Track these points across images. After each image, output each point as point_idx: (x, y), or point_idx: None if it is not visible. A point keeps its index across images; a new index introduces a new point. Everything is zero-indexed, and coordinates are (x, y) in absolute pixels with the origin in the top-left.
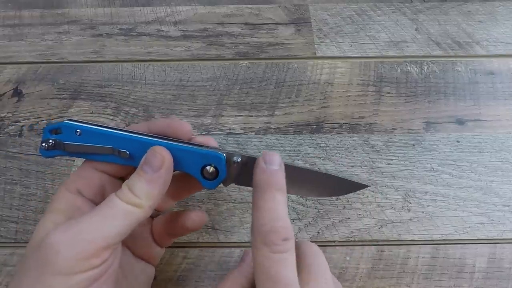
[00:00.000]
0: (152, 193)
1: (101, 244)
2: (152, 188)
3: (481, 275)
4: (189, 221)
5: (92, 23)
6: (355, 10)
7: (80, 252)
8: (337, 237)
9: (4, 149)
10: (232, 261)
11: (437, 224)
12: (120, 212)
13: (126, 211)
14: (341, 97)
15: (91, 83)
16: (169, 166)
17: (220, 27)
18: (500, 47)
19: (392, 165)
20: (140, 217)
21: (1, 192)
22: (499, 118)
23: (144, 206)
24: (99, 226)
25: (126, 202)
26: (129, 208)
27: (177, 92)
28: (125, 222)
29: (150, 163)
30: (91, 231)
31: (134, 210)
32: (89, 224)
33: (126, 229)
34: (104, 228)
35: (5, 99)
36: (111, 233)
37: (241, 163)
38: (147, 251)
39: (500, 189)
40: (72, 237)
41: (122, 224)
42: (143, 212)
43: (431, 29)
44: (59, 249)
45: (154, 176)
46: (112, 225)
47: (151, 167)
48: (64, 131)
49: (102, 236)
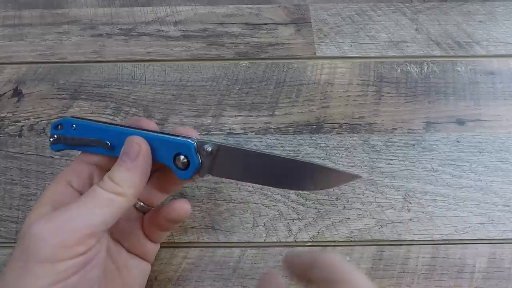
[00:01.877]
0: (132, 181)
1: (85, 231)
2: (132, 176)
3: (481, 275)
4: (172, 212)
5: (92, 23)
6: (355, 10)
7: (65, 240)
8: (337, 237)
9: (4, 149)
10: (232, 261)
11: (437, 224)
12: (103, 201)
13: (109, 199)
14: (341, 97)
15: (91, 83)
16: (146, 154)
17: (220, 27)
18: (500, 47)
19: (392, 165)
20: (123, 205)
21: (1, 192)
22: (499, 118)
23: (126, 194)
24: (83, 215)
25: (108, 191)
26: (111, 196)
27: (177, 92)
28: (108, 210)
29: (128, 153)
30: (76, 219)
31: (116, 198)
32: (73, 213)
33: (110, 217)
34: (88, 217)
35: (5, 99)
36: (95, 221)
37: (213, 151)
38: (139, 247)
39: (500, 189)
40: (56, 226)
41: (105, 213)
42: (126, 200)
43: (431, 29)
44: (43, 238)
45: (132, 164)
46: (96, 213)
47: (128, 156)
48: (64, 126)
49: (86, 224)
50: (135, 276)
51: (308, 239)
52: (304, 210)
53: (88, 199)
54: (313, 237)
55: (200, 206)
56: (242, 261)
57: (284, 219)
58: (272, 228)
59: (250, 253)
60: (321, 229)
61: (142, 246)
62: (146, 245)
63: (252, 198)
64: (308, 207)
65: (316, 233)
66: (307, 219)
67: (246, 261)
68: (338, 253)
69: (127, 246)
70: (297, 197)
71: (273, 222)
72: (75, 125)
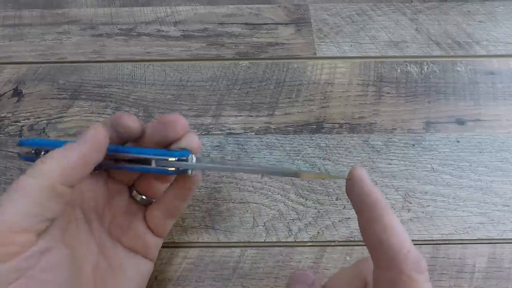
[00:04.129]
0: (58, 166)
1: (10, 229)
2: (59, 161)
3: (481, 275)
4: (186, 178)
5: (92, 23)
6: (355, 10)
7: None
8: (337, 237)
9: (4, 149)
10: (232, 261)
11: (437, 224)
12: (25, 191)
13: (30, 189)
14: (341, 97)
15: (91, 83)
16: (90, 138)
17: (220, 27)
18: (500, 47)
19: (392, 165)
20: (48, 194)
21: (1, 192)
22: (499, 118)
23: (41, 181)
24: (3, 211)
25: (31, 178)
26: (33, 184)
27: (177, 92)
28: (29, 201)
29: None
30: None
31: (39, 186)
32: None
33: (35, 208)
34: (7, 212)
35: (5, 99)
36: (17, 215)
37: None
38: (141, 242)
39: (500, 189)
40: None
41: (25, 205)
42: (50, 187)
43: (431, 29)
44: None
45: (61, 148)
46: (16, 206)
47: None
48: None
49: (6, 221)
50: (131, 278)
51: (308, 239)
52: (304, 210)
53: (11, 191)
54: (313, 237)
55: (200, 206)
56: (242, 261)
57: (284, 219)
58: (272, 228)
59: (250, 253)
60: (321, 229)
61: (144, 241)
62: (149, 240)
63: (252, 198)
64: (308, 207)
65: (316, 233)
66: (307, 219)
67: (246, 261)
68: (338, 253)
69: (127, 242)
70: (297, 197)
71: (273, 222)
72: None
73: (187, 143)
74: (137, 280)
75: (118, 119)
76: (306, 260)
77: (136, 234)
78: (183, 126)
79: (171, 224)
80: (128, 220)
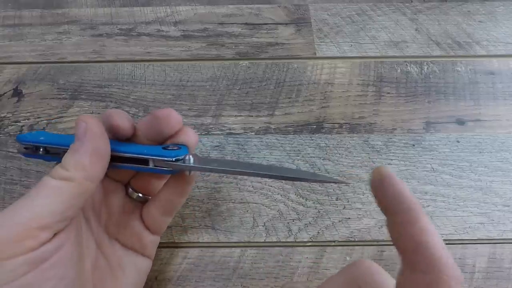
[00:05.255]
0: (80, 162)
1: (32, 224)
2: (79, 157)
3: (481, 275)
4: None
5: (92, 23)
6: (355, 10)
7: (10, 235)
8: (337, 237)
9: (4, 149)
10: (232, 261)
11: (437, 224)
12: (50, 189)
13: (56, 187)
14: (341, 97)
15: (91, 83)
16: (94, 131)
17: (220, 27)
18: (500, 47)
19: (392, 165)
20: (73, 191)
21: (1, 192)
22: (499, 118)
23: (75, 178)
24: (29, 207)
25: (55, 178)
26: (59, 183)
27: (177, 92)
28: (56, 199)
29: (76, 133)
30: (21, 212)
31: (64, 184)
32: (19, 206)
33: (61, 206)
34: (34, 209)
35: (5, 99)
36: (43, 212)
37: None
38: (138, 240)
39: (500, 189)
40: (2, 222)
41: (53, 202)
42: (76, 186)
43: (431, 29)
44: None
45: (79, 144)
46: (42, 204)
47: (76, 137)
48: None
49: (32, 217)
50: (130, 276)
51: (308, 239)
52: (304, 210)
53: (36, 190)
54: (313, 237)
55: (200, 206)
56: (242, 261)
57: (284, 219)
58: (272, 228)
59: (250, 253)
60: (321, 229)
61: (141, 238)
62: (146, 237)
63: (252, 198)
64: (308, 207)
65: (316, 233)
66: (307, 219)
67: (246, 261)
68: (338, 253)
69: (124, 240)
70: (297, 197)
71: (273, 222)
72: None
73: (183, 138)
74: (135, 278)
75: (108, 118)
76: (306, 260)
77: (133, 232)
78: (177, 120)
79: (167, 222)
80: (124, 218)
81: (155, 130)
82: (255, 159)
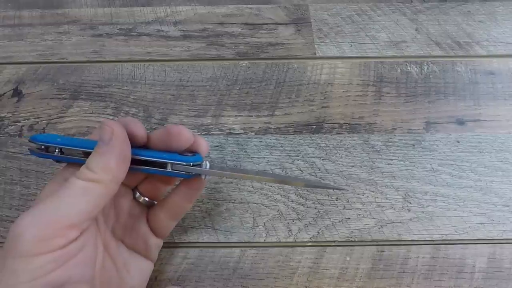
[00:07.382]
0: (107, 165)
1: (62, 223)
2: (106, 161)
3: (481, 275)
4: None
5: (92, 23)
6: (355, 10)
7: (41, 233)
8: (337, 237)
9: (4, 149)
10: (232, 261)
11: (437, 224)
12: (78, 190)
13: (84, 188)
14: (341, 97)
15: (91, 83)
16: (120, 136)
17: (220, 27)
18: (500, 47)
19: (392, 165)
20: (101, 192)
21: (1, 192)
22: (499, 118)
23: (102, 180)
24: (59, 206)
25: (83, 179)
26: (87, 185)
27: (177, 92)
28: (84, 199)
29: (101, 138)
30: (51, 211)
31: (92, 186)
32: (49, 205)
33: (88, 206)
34: (63, 208)
35: (5, 99)
36: (71, 212)
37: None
38: (143, 243)
39: (500, 189)
40: (33, 220)
41: (81, 202)
42: (103, 187)
43: (431, 29)
44: (20, 232)
45: (106, 148)
46: (71, 203)
47: (102, 140)
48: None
49: (62, 216)
50: (134, 277)
51: (308, 239)
52: (304, 210)
53: (65, 190)
54: (313, 237)
55: (200, 206)
56: (242, 261)
57: (284, 219)
58: (272, 228)
59: (250, 253)
60: (321, 229)
61: (146, 242)
62: (150, 241)
63: (252, 198)
64: (308, 207)
65: (316, 233)
66: (307, 219)
67: (246, 261)
68: (338, 253)
69: (130, 243)
70: (297, 197)
71: (273, 222)
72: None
73: (197, 147)
74: (139, 280)
75: (126, 126)
76: (306, 260)
77: (139, 235)
78: (187, 138)
79: (173, 226)
80: (131, 221)
81: (165, 143)
82: (255, 159)
